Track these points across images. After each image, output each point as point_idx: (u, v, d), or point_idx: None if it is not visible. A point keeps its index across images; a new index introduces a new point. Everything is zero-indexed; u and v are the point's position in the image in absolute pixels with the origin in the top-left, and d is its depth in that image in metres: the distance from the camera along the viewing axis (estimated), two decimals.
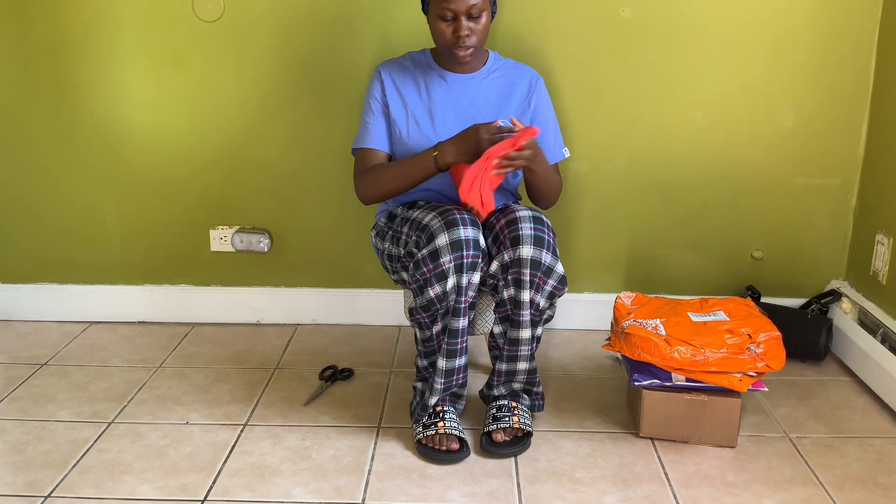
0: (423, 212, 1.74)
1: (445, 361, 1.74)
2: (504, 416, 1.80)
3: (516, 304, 1.72)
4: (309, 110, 2.31)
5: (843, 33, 2.20)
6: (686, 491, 1.64)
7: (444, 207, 1.71)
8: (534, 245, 1.67)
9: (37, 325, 2.48)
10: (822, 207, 2.35)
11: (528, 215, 1.70)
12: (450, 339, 1.71)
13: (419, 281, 1.67)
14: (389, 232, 1.86)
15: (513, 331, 1.76)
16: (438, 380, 1.75)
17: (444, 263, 1.63)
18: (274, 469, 1.71)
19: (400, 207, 1.90)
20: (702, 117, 2.27)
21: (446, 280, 1.64)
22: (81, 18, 2.25)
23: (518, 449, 1.76)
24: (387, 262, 1.89)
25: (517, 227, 1.68)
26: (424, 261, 1.65)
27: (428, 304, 1.68)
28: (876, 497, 1.62)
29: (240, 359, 2.26)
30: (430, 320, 1.72)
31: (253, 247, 2.41)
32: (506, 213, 1.74)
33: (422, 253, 1.65)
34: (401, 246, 1.78)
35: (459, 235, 1.63)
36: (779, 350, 1.80)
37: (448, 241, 1.62)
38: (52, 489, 1.63)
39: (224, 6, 2.23)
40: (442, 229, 1.64)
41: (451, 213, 1.66)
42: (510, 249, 1.69)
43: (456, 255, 1.63)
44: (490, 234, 1.76)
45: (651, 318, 1.86)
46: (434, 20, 1.76)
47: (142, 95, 2.31)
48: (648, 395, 1.80)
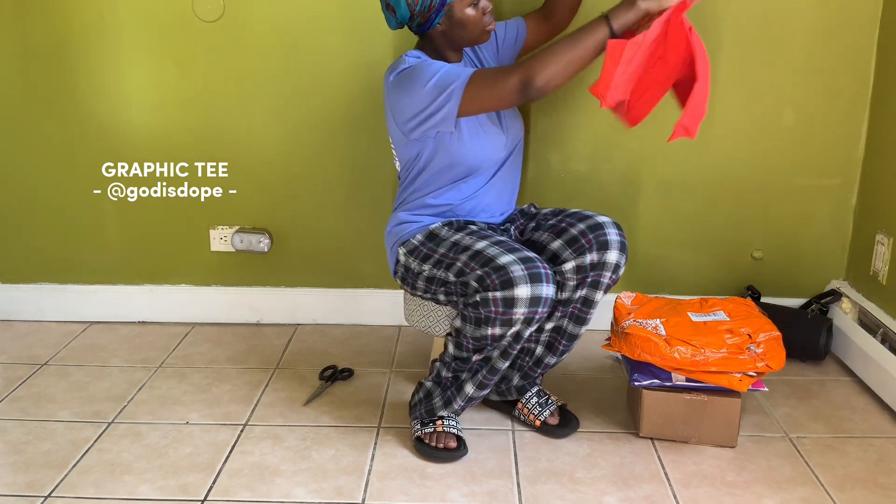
0: (491, 245, 1.66)
1: (474, 390, 1.74)
2: (546, 400, 1.89)
3: (588, 303, 1.77)
4: (309, 110, 2.31)
5: (843, 33, 2.20)
6: (686, 491, 1.64)
7: (522, 252, 1.63)
8: (619, 251, 1.74)
9: (37, 325, 2.48)
10: (822, 207, 2.35)
11: (611, 221, 1.77)
12: (488, 373, 1.72)
13: (480, 316, 1.63)
14: (434, 255, 1.75)
15: (576, 327, 1.80)
16: (459, 401, 1.76)
17: (516, 314, 1.60)
18: (274, 469, 1.71)
19: (445, 228, 1.79)
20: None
21: (510, 327, 1.63)
22: (81, 19, 2.25)
23: (575, 424, 1.87)
24: (420, 283, 1.79)
25: (604, 232, 1.73)
26: (495, 302, 1.60)
27: (480, 339, 1.66)
28: (876, 497, 1.62)
29: (240, 359, 2.26)
30: (474, 349, 1.70)
31: (253, 247, 2.41)
32: (579, 218, 1.78)
33: (494, 294, 1.60)
34: (452, 272, 1.70)
35: (541, 293, 1.59)
36: (779, 350, 1.80)
37: (529, 296, 1.58)
38: (52, 489, 1.63)
39: (224, 6, 2.23)
40: (525, 280, 1.58)
41: (535, 265, 1.61)
42: (595, 253, 1.72)
43: (531, 309, 1.60)
44: (558, 237, 1.77)
45: (651, 318, 1.86)
46: (462, 11, 1.71)
47: (142, 95, 2.31)
48: (648, 395, 1.80)
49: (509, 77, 1.61)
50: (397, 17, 1.73)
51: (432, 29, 1.74)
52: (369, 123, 2.26)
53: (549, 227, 1.81)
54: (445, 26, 1.73)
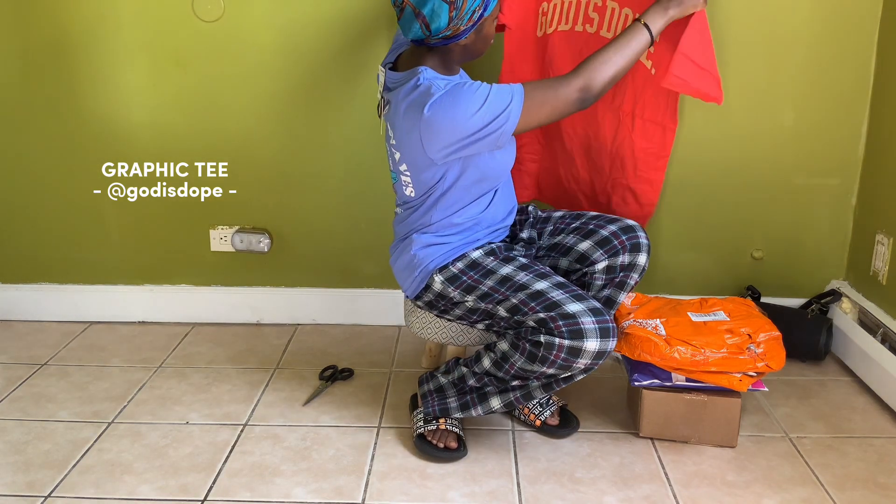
0: (554, 288, 1.63)
1: (500, 406, 1.74)
2: (548, 401, 1.90)
3: (610, 303, 1.80)
4: (309, 110, 2.31)
5: (843, 33, 2.20)
6: (686, 491, 1.64)
7: (585, 297, 1.62)
8: (647, 253, 1.80)
9: (37, 325, 2.48)
10: (822, 207, 2.34)
11: (638, 224, 1.82)
12: (522, 398, 1.72)
13: (537, 355, 1.60)
14: (480, 287, 1.69)
15: None
16: (480, 410, 1.75)
17: (579, 364, 1.59)
18: (274, 469, 1.71)
19: (490, 258, 1.74)
20: (702, 117, 2.27)
21: (567, 372, 1.63)
22: (82, 19, 2.25)
23: (576, 425, 1.88)
24: (458, 311, 1.74)
25: (636, 234, 1.79)
26: (560, 348, 1.57)
27: (528, 371, 1.64)
28: (876, 497, 1.62)
29: (240, 359, 2.26)
30: (516, 376, 1.68)
31: (253, 247, 2.41)
32: (609, 220, 1.82)
33: (561, 342, 1.57)
34: (503, 308, 1.66)
35: (608, 348, 1.59)
36: (779, 350, 1.80)
37: (597, 350, 1.58)
38: (52, 489, 1.63)
39: (224, 6, 2.23)
40: (595, 335, 1.57)
41: (605, 319, 1.59)
42: (628, 254, 1.78)
43: (595, 362, 1.60)
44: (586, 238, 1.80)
45: (651, 318, 1.86)
46: (490, 26, 1.68)
47: (142, 95, 2.31)
48: (648, 395, 1.80)
49: (568, 87, 1.62)
50: (431, 28, 1.59)
51: (455, 42, 1.65)
52: (369, 123, 2.26)
53: (573, 230, 1.84)
54: (470, 40, 1.66)
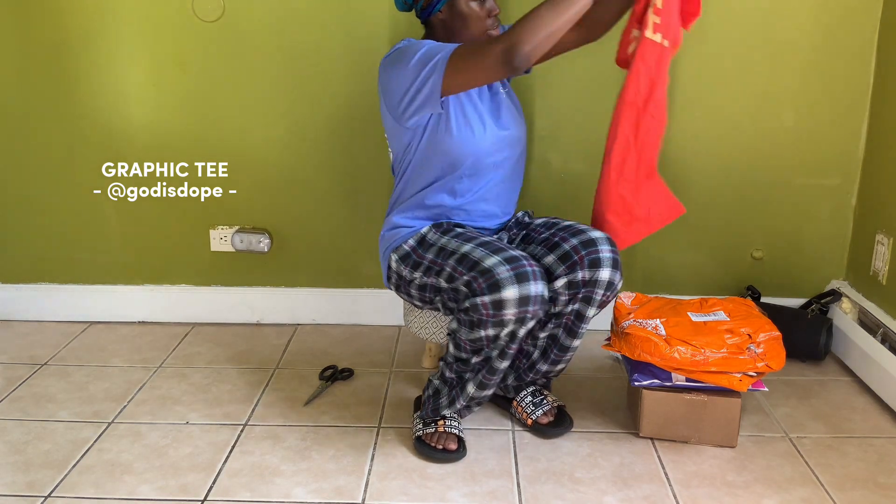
0: (476, 248, 1.65)
1: (476, 390, 1.73)
2: (541, 400, 1.88)
3: (580, 317, 1.74)
4: (309, 110, 2.31)
5: (843, 33, 2.20)
6: (686, 491, 1.64)
7: (508, 252, 1.62)
8: (612, 268, 1.70)
9: (37, 325, 2.48)
10: (822, 207, 2.35)
11: (604, 237, 1.72)
12: (488, 374, 1.71)
13: (472, 320, 1.62)
14: (424, 262, 1.73)
15: (567, 339, 1.78)
16: (462, 401, 1.75)
17: (506, 314, 1.58)
18: (274, 469, 1.71)
19: (432, 232, 1.77)
20: (702, 117, 2.27)
21: (503, 328, 1.61)
22: (82, 19, 2.25)
23: (569, 425, 1.86)
24: (413, 291, 1.77)
25: (596, 249, 1.69)
26: (485, 306, 1.58)
27: (476, 341, 1.65)
28: (876, 497, 1.62)
29: (240, 359, 2.26)
30: (472, 350, 1.69)
31: (253, 247, 2.41)
32: (572, 233, 1.74)
33: (482, 299, 1.58)
34: (442, 278, 1.68)
35: (529, 291, 1.58)
36: (779, 350, 1.80)
37: (517, 296, 1.57)
38: (52, 489, 1.63)
39: (224, 6, 2.23)
40: (512, 281, 1.57)
41: (521, 265, 1.59)
42: (587, 270, 1.69)
43: (522, 309, 1.58)
44: (551, 251, 1.74)
45: (651, 317, 1.86)
46: (466, 4, 1.71)
47: (142, 95, 2.31)
48: (648, 395, 1.80)
49: (494, 46, 1.56)
50: None
51: (433, 16, 1.74)
52: (369, 123, 2.26)
53: (542, 241, 1.78)
54: (446, 15, 1.72)
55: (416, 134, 1.74)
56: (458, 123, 1.72)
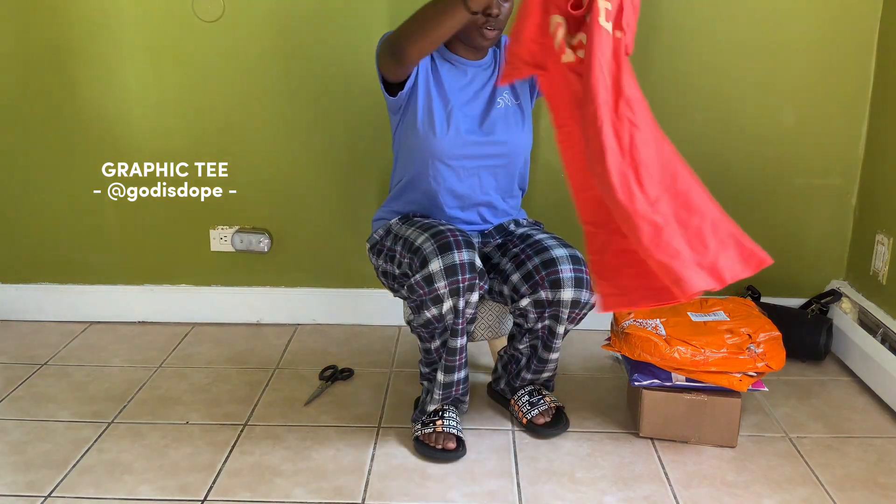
0: (417, 231, 1.71)
1: (444, 376, 1.75)
2: (538, 400, 1.87)
3: (552, 333, 1.76)
4: (309, 110, 2.31)
5: (843, 33, 2.20)
6: (686, 491, 1.64)
7: (437, 228, 1.67)
8: (574, 287, 1.68)
9: (37, 325, 2.48)
10: (822, 207, 2.34)
11: (566, 255, 1.70)
12: (448, 356, 1.72)
13: (416, 302, 1.66)
14: (384, 250, 1.82)
15: (544, 352, 1.81)
16: (437, 391, 1.76)
17: (438, 289, 1.61)
18: (274, 469, 1.71)
19: (396, 221, 1.83)
20: (702, 118, 2.27)
21: (442, 303, 1.63)
22: (82, 18, 2.25)
23: (564, 426, 1.84)
24: (381, 278, 1.87)
25: (556, 269, 1.68)
26: (419, 284, 1.62)
27: (426, 324, 1.68)
28: (876, 497, 1.62)
29: (240, 359, 2.26)
30: (428, 336, 1.72)
31: (253, 247, 2.41)
32: (537, 250, 1.73)
33: (415, 278, 1.63)
34: (395, 265, 1.76)
35: (454, 260, 1.60)
36: (779, 350, 1.80)
37: (442, 267, 1.60)
38: (52, 489, 1.63)
39: (224, 6, 2.23)
40: (435, 254, 1.60)
41: (444, 236, 1.62)
42: (549, 290, 1.69)
43: (451, 279, 1.60)
44: (517, 269, 1.74)
45: (651, 318, 1.86)
46: None
47: (142, 95, 2.31)
48: (648, 395, 1.80)
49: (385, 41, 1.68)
50: None
51: None
52: (369, 123, 2.26)
53: (512, 256, 1.78)
54: None
55: (397, 128, 1.82)
56: (421, 120, 1.75)
